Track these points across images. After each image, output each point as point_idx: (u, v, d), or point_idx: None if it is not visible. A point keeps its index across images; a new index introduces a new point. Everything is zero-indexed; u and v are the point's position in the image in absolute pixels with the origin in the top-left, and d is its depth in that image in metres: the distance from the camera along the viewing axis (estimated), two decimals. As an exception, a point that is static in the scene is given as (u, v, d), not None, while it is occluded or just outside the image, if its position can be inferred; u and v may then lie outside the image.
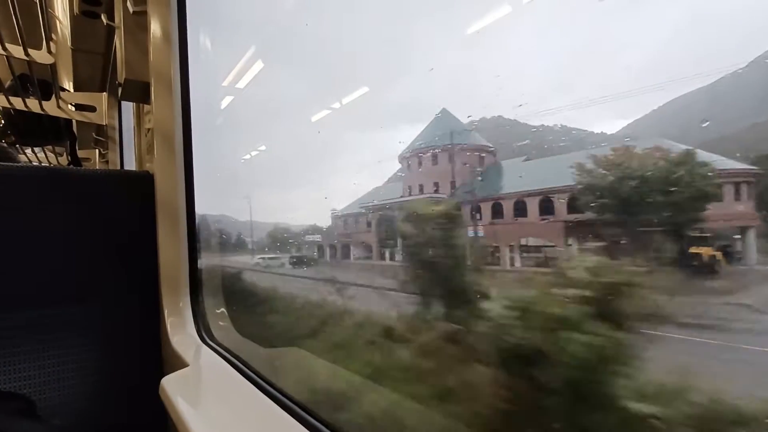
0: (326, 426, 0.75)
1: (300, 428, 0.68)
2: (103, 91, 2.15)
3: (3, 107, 2.00)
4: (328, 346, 4.24)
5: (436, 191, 17.99)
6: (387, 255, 18.51)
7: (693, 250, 3.68)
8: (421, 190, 18.61)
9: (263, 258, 18.07)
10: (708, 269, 3.67)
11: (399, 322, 4.04)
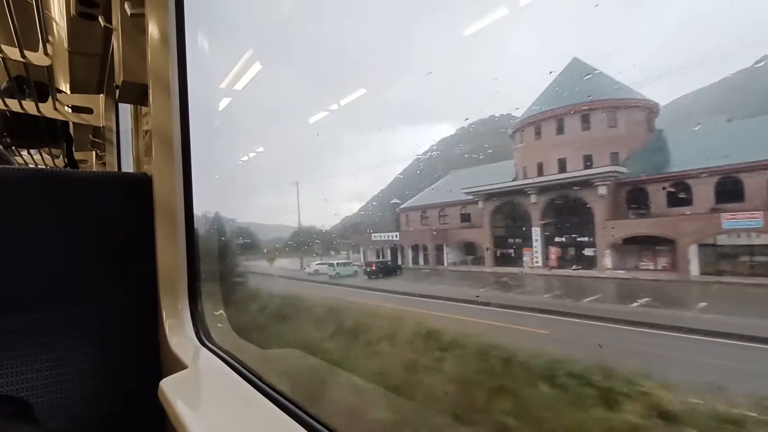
0: (325, 427, 0.75)
1: (299, 429, 0.68)
2: (100, 93, 2.14)
3: None
4: None
5: (589, 166, 12.19)
6: (529, 259, 12.77)
7: None
8: (563, 167, 12.81)
9: (329, 264, 13.47)
10: None
11: None
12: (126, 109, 1.91)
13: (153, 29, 1.17)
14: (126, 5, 1.21)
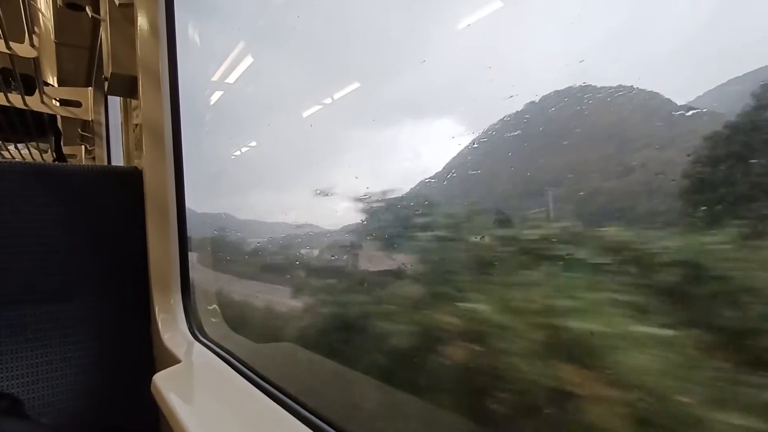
0: (321, 419, 0.75)
1: (294, 421, 0.68)
2: (88, 86, 2.10)
3: None
4: None
5: None
6: None
7: None
8: None
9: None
10: None
11: None
12: (116, 103, 1.88)
13: (142, 20, 1.15)
14: None
